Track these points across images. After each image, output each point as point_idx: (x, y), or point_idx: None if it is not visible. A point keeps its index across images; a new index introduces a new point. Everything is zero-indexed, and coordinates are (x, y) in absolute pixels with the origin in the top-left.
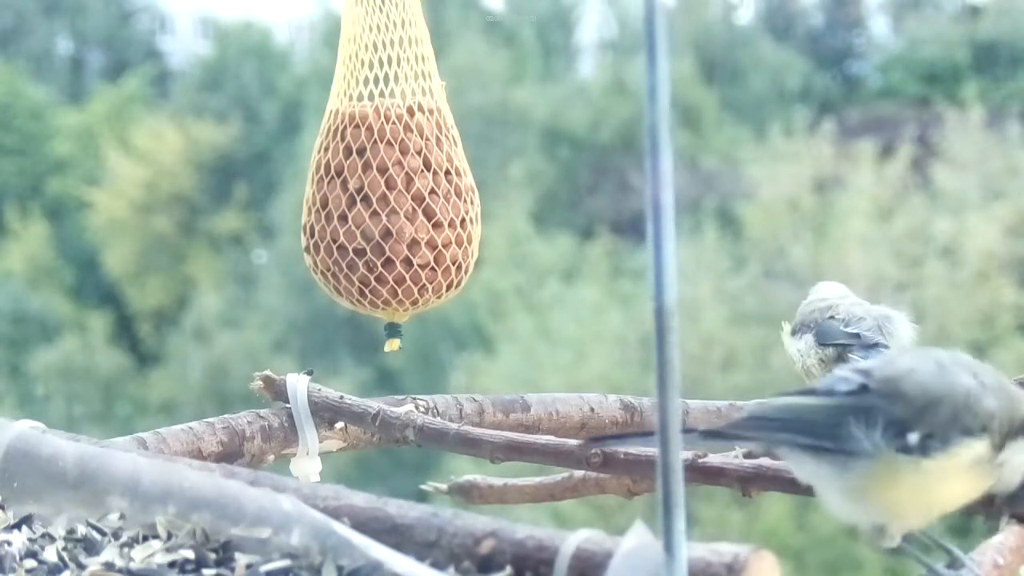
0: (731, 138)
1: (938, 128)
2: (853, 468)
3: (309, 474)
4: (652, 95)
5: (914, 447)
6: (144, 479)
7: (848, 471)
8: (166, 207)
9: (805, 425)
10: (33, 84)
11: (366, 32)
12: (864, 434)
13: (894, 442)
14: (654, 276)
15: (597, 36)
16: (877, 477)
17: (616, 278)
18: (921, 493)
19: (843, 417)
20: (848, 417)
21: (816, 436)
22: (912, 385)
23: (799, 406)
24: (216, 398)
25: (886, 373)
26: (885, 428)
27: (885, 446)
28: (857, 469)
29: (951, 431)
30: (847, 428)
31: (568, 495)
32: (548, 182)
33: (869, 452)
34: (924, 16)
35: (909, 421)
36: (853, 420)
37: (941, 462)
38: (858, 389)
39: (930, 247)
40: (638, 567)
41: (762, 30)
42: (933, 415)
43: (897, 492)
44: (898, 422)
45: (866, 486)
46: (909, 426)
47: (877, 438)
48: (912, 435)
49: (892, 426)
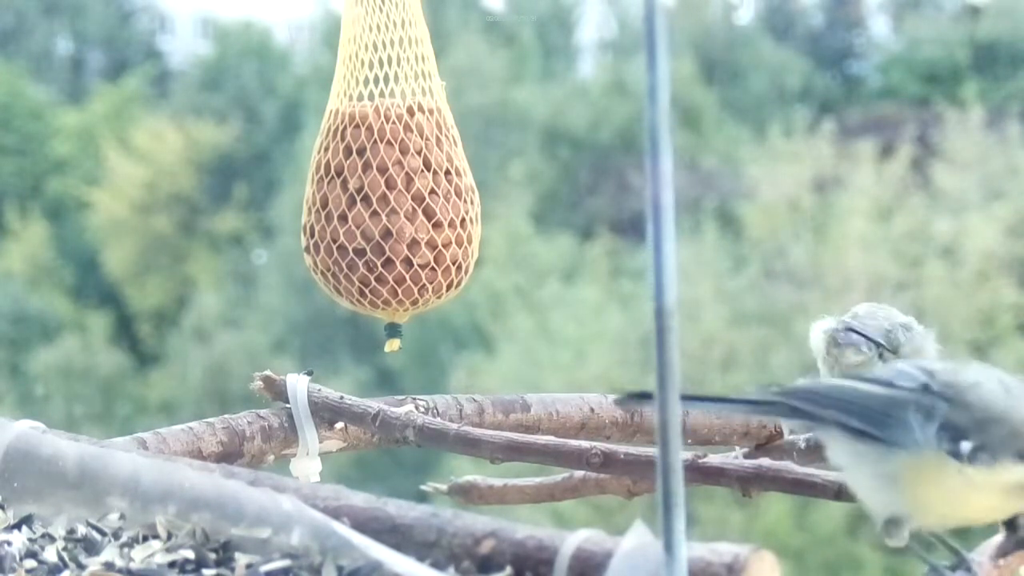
0: (731, 138)
1: (938, 128)
2: (897, 456)
3: (309, 474)
4: (652, 95)
5: (964, 454)
6: (144, 479)
7: (890, 458)
8: (166, 207)
9: (859, 408)
10: (33, 84)
11: (366, 32)
12: (919, 428)
13: (947, 444)
14: (654, 276)
15: (597, 36)
16: (919, 470)
17: (616, 278)
18: (955, 498)
19: (903, 408)
20: (907, 409)
21: (868, 421)
22: (977, 397)
23: (854, 389)
24: (216, 398)
25: (950, 379)
26: (943, 428)
27: (936, 445)
28: (901, 458)
29: (1003, 450)
30: (904, 418)
31: (568, 495)
32: (548, 182)
33: (919, 445)
34: (924, 16)
35: (966, 429)
36: (911, 412)
37: (984, 475)
38: (919, 387)
39: (930, 247)
40: (638, 567)
41: (762, 30)
42: (990, 430)
43: (933, 490)
44: (955, 427)
45: (905, 476)
46: (965, 434)
47: (931, 435)
48: (966, 443)
49: (948, 429)
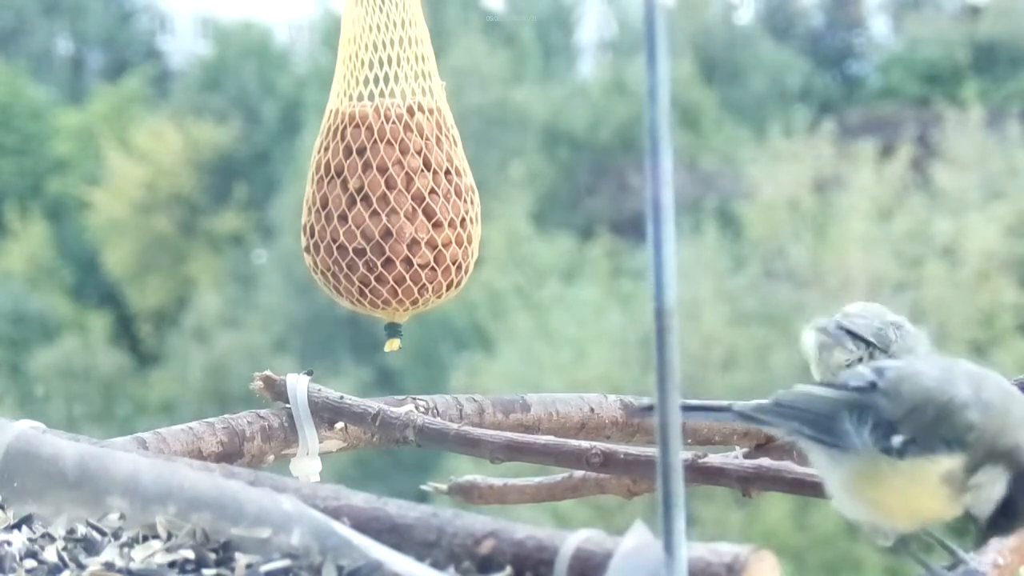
0: (731, 138)
1: (938, 128)
2: (845, 462)
3: (309, 474)
4: (652, 95)
5: (895, 449)
6: (144, 479)
7: (841, 465)
8: (166, 207)
9: (811, 416)
10: (33, 84)
11: (366, 32)
12: (855, 430)
13: (881, 442)
14: (654, 276)
15: (597, 36)
16: (861, 474)
17: (616, 278)
18: (896, 495)
19: (840, 411)
20: (843, 412)
21: (817, 428)
22: (909, 387)
23: (812, 396)
24: (216, 398)
25: (896, 374)
26: (875, 427)
27: (872, 444)
28: (847, 464)
29: (931, 439)
30: (842, 422)
31: (568, 495)
32: (548, 182)
33: (858, 448)
34: (924, 16)
35: (898, 423)
36: (847, 416)
37: (914, 467)
38: (867, 386)
39: (930, 247)
40: (638, 567)
41: (762, 30)
42: (918, 419)
43: (876, 491)
44: (888, 423)
45: (853, 481)
46: (897, 427)
47: (866, 436)
48: (897, 437)
49: (882, 426)
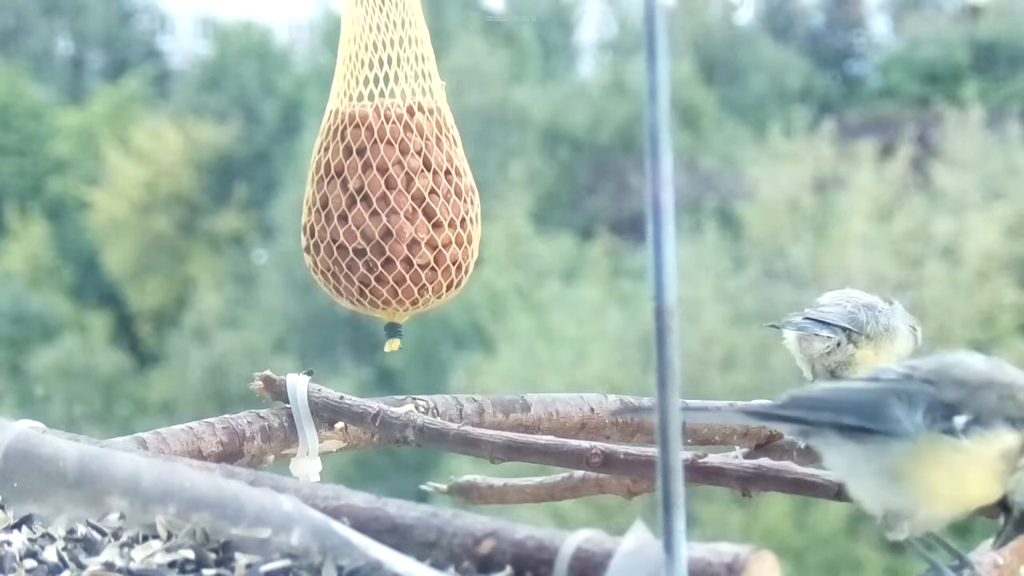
0: (731, 138)
1: (938, 128)
2: (893, 449)
3: (309, 474)
4: (652, 95)
5: (959, 428)
6: (144, 479)
7: (887, 451)
8: (166, 207)
9: (849, 406)
10: (33, 84)
11: (366, 32)
12: (906, 415)
13: (938, 424)
14: (654, 276)
15: (597, 36)
16: (918, 457)
17: (616, 278)
18: (957, 476)
19: (886, 399)
20: (892, 398)
21: (861, 416)
22: (962, 371)
23: (843, 389)
24: (216, 398)
25: (934, 364)
26: (929, 411)
27: (927, 427)
28: (897, 449)
29: (995, 417)
30: (891, 409)
31: (568, 495)
32: (548, 182)
33: (911, 433)
34: (924, 16)
35: (956, 405)
36: (896, 402)
37: (980, 445)
38: (901, 377)
39: (930, 247)
40: (638, 567)
41: (762, 30)
42: (980, 400)
43: (935, 473)
44: (945, 405)
45: (904, 467)
46: (956, 409)
47: (919, 419)
48: (959, 418)
49: (937, 409)
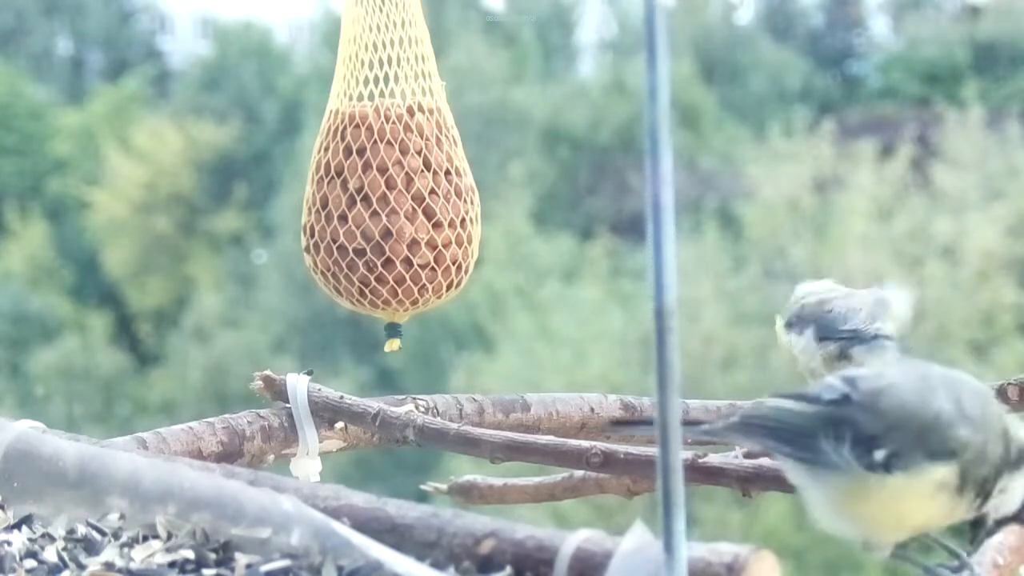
0: (731, 138)
1: (938, 128)
2: (828, 480)
3: (309, 474)
4: (652, 95)
5: (879, 464)
6: (144, 479)
7: (823, 483)
8: (166, 207)
9: (786, 433)
10: (33, 84)
11: (366, 32)
12: (833, 448)
13: (863, 458)
14: (654, 276)
15: (597, 36)
16: (848, 491)
17: (616, 278)
18: (888, 510)
19: (816, 428)
20: (820, 429)
21: (793, 445)
22: (888, 401)
23: (785, 411)
24: (216, 398)
25: (871, 385)
26: (855, 443)
27: (854, 461)
28: (831, 482)
29: (916, 452)
30: (819, 440)
31: (568, 495)
32: (548, 182)
33: (840, 466)
34: (924, 16)
35: (879, 437)
36: (823, 433)
37: (905, 482)
38: (840, 399)
39: (930, 247)
40: (638, 567)
41: (762, 30)
42: (900, 434)
43: (866, 508)
44: (868, 438)
45: (839, 499)
46: (878, 443)
47: (846, 453)
48: (879, 452)
49: (862, 442)
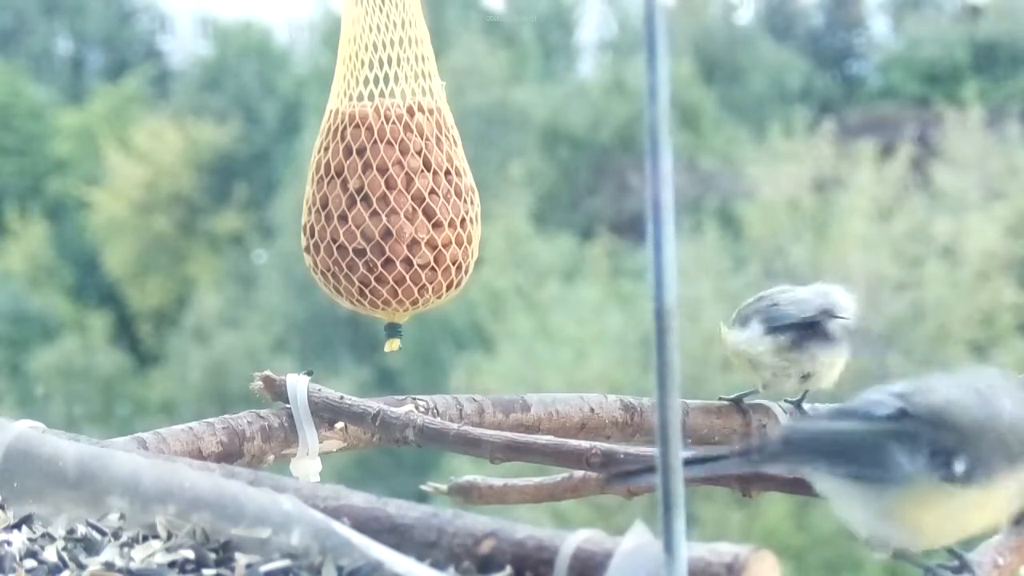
0: (731, 138)
1: (938, 128)
2: (891, 493)
3: (309, 474)
4: (652, 95)
5: (959, 475)
6: (144, 479)
7: (885, 495)
8: (166, 207)
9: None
10: (33, 84)
11: (366, 32)
12: (908, 460)
13: (939, 470)
14: (654, 276)
15: (597, 36)
16: (916, 502)
17: (616, 278)
18: (958, 520)
19: (885, 442)
20: (891, 442)
21: (856, 463)
22: (957, 413)
23: (837, 431)
24: (216, 398)
25: (926, 400)
26: (932, 455)
27: (929, 473)
28: (896, 494)
29: (995, 460)
30: (890, 454)
31: (568, 495)
32: (548, 182)
33: (911, 477)
34: (924, 16)
35: (954, 449)
36: (896, 446)
37: (984, 491)
38: (897, 414)
39: (930, 247)
40: (638, 567)
41: (762, 30)
42: (979, 444)
43: (933, 518)
44: (944, 450)
45: (903, 510)
46: (955, 454)
47: (921, 464)
48: (958, 464)
49: (937, 453)
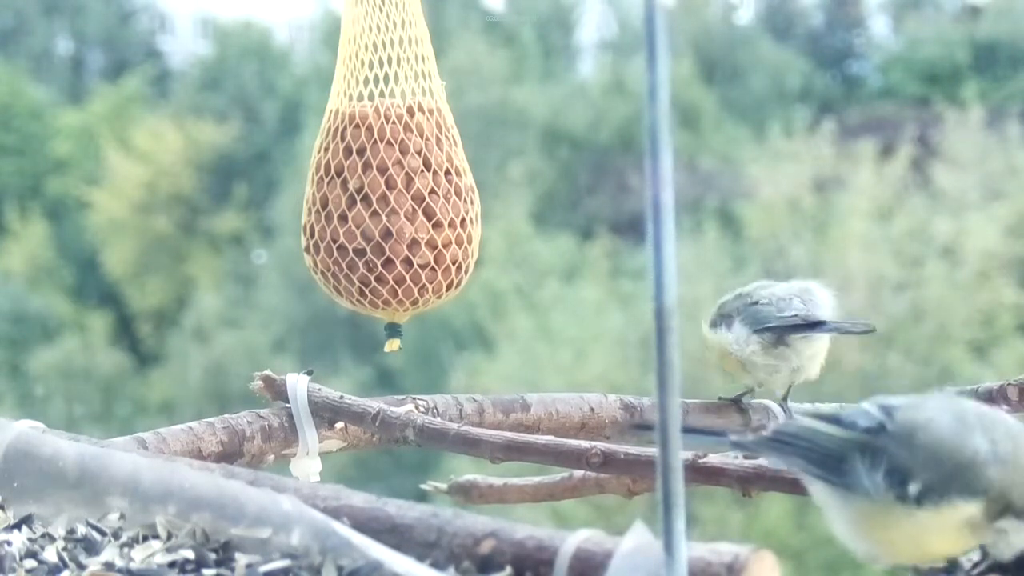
0: (731, 138)
1: (938, 128)
2: (854, 504)
3: (309, 474)
4: (652, 95)
5: (911, 497)
6: (144, 479)
7: (849, 503)
8: (166, 207)
9: (817, 455)
10: (33, 84)
11: (366, 32)
12: (866, 474)
13: (895, 488)
14: (654, 276)
15: (597, 36)
16: (872, 516)
17: (616, 278)
18: (911, 540)
19: (852, 453)
20: (856, 454)
21: (824, 467)
22: (926, 436)
23: (817, 433)
24: (216, 398)
25: (907, 417)
26: (889, 472)
27: (885, 489)
28: (856, 505)
29: (949, 488)
30: (852, 465)
31: (568, 495)
32: (548, 182)
33: (868, 491)
34: (924, 16)
35: (913, 470)
36: (860, 458)
37: (933, 516)
38: (876, 427)
39: (930, 247)
40: (638, 567)
41: (762, 30)
42: (935, 470)
43: (889, 535)
44: (903, 469)
45: (863, 524)
46: (912, 475)
47: (879, 480)
48: (913, 485)
49: (896, 472)
